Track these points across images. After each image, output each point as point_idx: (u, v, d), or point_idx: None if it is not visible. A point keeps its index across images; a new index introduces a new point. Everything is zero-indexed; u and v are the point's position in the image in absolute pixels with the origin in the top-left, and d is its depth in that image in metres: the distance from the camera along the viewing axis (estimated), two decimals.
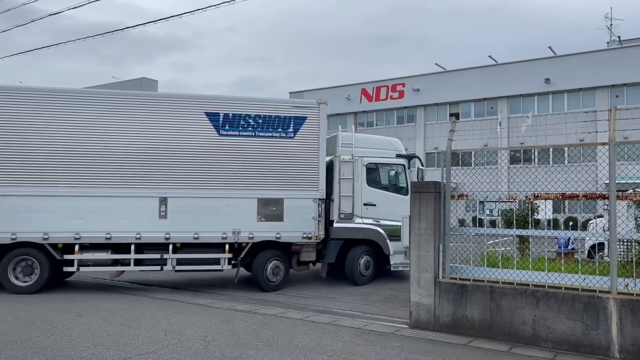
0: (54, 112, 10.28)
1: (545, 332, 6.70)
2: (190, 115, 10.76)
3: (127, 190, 10.39)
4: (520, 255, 8.92)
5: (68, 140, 10.23)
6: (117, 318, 7.85)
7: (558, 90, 36.96)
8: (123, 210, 10.31)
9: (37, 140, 10.12)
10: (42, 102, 10.26)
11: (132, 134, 10.50)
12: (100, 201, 10.24)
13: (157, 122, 10.65)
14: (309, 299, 9.92)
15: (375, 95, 44.23)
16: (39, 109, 10.22)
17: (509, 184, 37.06)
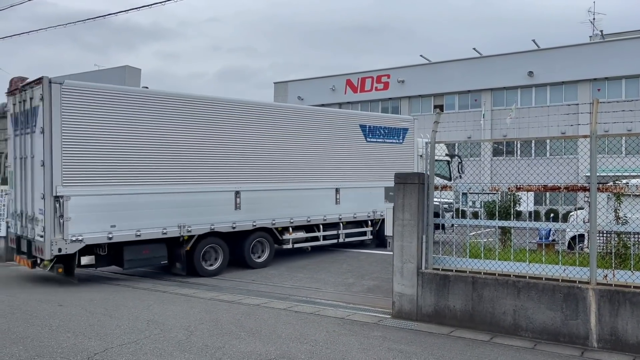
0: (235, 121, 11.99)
1: (525, 322, 6.79)
2: (350, 127, 14.36)
3: (318, 183, 13.51)
4: (502, 247, 9.03)
5: (261, 143, 12.34)
6: (98, 308, 7.78)
7: (541, 83, 37.30)
8: (316, 197, 13.42)
9: (227, 142, 11.77)
10: (202, 109, 11.45)
11: (312, 140, 13.41)
12: (301, 192, 13.09)
13: (330, 131, 13.85)
14: (293, 289, 9.93)
15: (360, 86, 44.22)
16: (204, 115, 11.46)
17: (492, 176, 37.45)
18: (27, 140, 10.05)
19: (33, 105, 9.75)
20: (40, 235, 9.51)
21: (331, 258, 13.14)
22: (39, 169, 9.49)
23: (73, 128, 9.50)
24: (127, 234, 10.16)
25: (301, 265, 12.39)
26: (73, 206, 9.45)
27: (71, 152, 9.47)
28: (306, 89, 46.77)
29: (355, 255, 13.58)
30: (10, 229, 11.16)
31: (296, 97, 47.23)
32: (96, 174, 9.78)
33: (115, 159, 10.00)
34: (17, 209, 10.62)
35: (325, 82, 45.67)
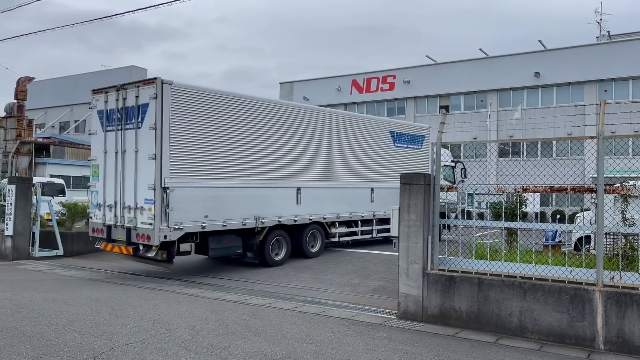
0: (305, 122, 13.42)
1: (531, 323, 6.77)
2: (382, 132, 15.82)
3: (359, 183, 14.82)
4: (508, 248, 9.00)
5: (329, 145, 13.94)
6: (104, 307, 7.81)
7: (547, 84, 37.14)
8: (356, 196, 14.68)
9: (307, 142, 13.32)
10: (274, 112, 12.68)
11: (355, 143, 14.76)
12: (345, 191, 14.40)
13: (368, 136, 15.21)
14: (298, 290, 9.94)
15: (366, 87, 44.18)
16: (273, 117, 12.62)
17: (498, 177, 37.33)
18: (127, 135, 10.82)
19: (139, 103, 10.56)
20: (145, 223, 10.33)
21: (337, 258, 13.13)
22: (146, 162, 10.33)
23: (178, 125, 10.45)
24: (216, 224, 11.15)
25: (306, 265, 12.39)
26: (176, 197, 10.34)
27: (176, 148, 10.42)
28: (312, 89, 46.77)
29: (360, 255, 13.56)
30: (95, 219, 11.55)
31: (302, 98, 47.23)
32: (195, 169, 10.77)
33: (210, 155, 11.04)
34: (109, 199, 11.17)
35: (331, 82, 45.67)
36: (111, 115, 11.21)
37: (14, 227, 13.47)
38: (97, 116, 11.63)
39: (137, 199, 10.53)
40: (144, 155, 10.40)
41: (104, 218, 11.28)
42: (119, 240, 11.00)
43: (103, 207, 11.32)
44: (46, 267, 12.37)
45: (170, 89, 10.37)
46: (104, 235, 11.32)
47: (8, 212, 13.56)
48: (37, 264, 12.89)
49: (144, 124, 10.41)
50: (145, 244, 10.41)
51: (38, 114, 53.39)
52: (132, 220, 10.62)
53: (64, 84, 55.66)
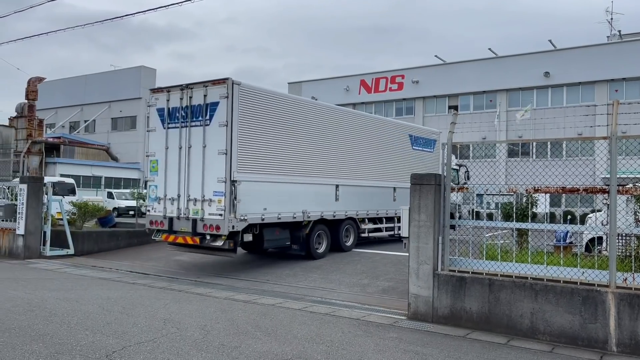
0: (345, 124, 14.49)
1: (543, 325, 6.73)
2: (403, 136, 16.94)
3: (384, 182, 15.79)
4: (519, 249, 8.95)
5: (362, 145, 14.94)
6: (115, 306, 7.85)
7: (557, 84, 36.92)
8: (382, 194, 15.69)
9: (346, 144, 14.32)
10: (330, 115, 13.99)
11: (382, 145, 15.77)
12: (374, 189, 15.36)
13: (392, 138, 16.30)
14: (308, 290, 9.94)
15: (374, 87, 44.13)
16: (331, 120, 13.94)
17: (507, 177, 37.14)
18: (192, 132, 11.40)
19: (207, 101, 11.18)
20: (214, 214, 10.91)
21: (346, 259, 13.11)
22: (215, 157, 10.95)
23: (244, 123, 11.16)
24: (272, 216, 11.88)
25: (316, 265, 12.39)
26: (242, 190, 11.01)
27: (243, 144, 11.12)
28: (320, 89, 46.76)
29: (369, 255, 13.54)
30: (154, 212, 11.95)
31: (310, 98, 47.25)
32: (257, 164, 11.53)
33: (269, 152, 11.87)
34: (171, 193, 11.67)
35: (339, 82, 45.64)
36: (173, 113, 11.77)
37: (25, 226, 13.57)
38: (157, 114, 12.12)
39: (205, 192, 11.08)
40: (212, 150, 11.00)
41: (165, 211, 11.71)
42: (182, 231, 11.44)
43: (163, 200, 11.78)
44: (57, 266, 12.46)
45: (239, 89, 11.10)
46: (165, 227, 11.69)
47: (20, 211, 13.67)
48: (48, 263, 12.98)
49: (213, 121, 11.06)
50: (214, 234, 10.94)
51: (48, 113, 53.80)
52: (198, 212, 11.13)
53: (74, 84, 56.03)
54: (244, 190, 11.03)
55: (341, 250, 14.04)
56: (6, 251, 14.16)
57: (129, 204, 36.52)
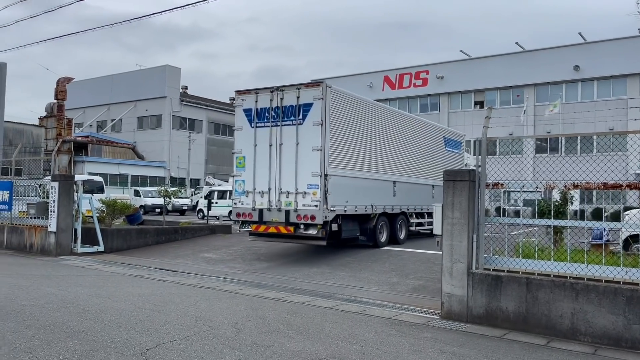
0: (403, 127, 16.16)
1: (584, 325, 6.50)
2: (439, 137, 18.58)
3: (426, 180, 17.11)
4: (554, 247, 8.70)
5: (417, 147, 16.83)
6: (147, 304, 7.87)
7: (587, 77, 36.04)
8: (423, 191, 17.03)
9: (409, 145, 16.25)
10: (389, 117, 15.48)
11: (426, 146, 17.37)
12: (419, 187, 16.78)
13: (433, 140, 17.98)
14: (337, 288, 9.84)
15: (398, 83, 43.75)
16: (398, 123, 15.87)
17: (534, 174, 36.45)
18: (283, 130, 12.47)
19: (300, 102, 12.28)
20: (308, 205, 12.02)
21: (373, 256, 12.97)
22: (309, 153, 12.07)
23: (333, 123, 12.34)
24: (351, 209, 13.05)
25: (343, 263, 12.28)
26: (331, 184, 12.13)
27: (332, 141, 12.29)
28: (343, 86, 46.26)
29: (397, 253, 13.37)
30: (241, 205, 12.95)
31: None
32: (343, 160, 12.77)
33: (352, 149, 13.18)
34: (260, 187, 12.68)
35: (363, 79, 45.36)
36: (262, 113, 12.78)
37: (57, 224, 13.76)
38: (244, 114, 13.07)
39: (298, 185, 12.17)
40: (306, 147, 12.11)
41: (254, 203, 12.71)
42: (274, 221, 12.47)
43: (252, 193, 12.76)
44: (88, 263, 12.61)
45: (330, 91, 12.23)
46: (254, 218, 12.71)
47: (52, 209, 13.87)
48: (79, 259, 13.14)
49: (307, 120, 12.15)
50: (308, 223, 12.02)
51: (77, 113, 54.74)
52: (291, 203, 12.22)
53: (101, 84, 56.89)
54: (332, 184, 12.15)
55: (396, 242, 15.21)
56: (38, 248, 14.39)
57: (155, 201, 36.92)
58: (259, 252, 14.15)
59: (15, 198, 15.74)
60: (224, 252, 14.44)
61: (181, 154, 51.68)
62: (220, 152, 57.66)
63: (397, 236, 15.43)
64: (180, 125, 53.69)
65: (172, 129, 52.62)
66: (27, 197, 16.38)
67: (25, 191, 16.52)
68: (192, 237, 17.11)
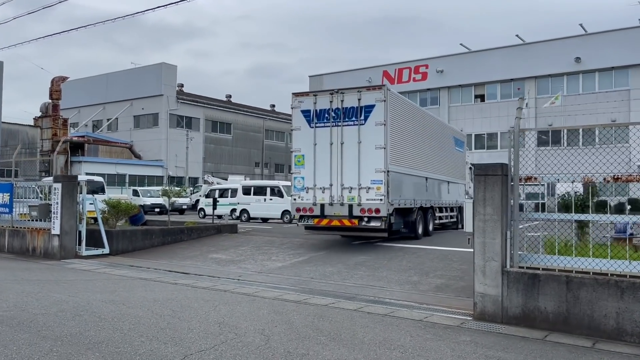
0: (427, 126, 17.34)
1: (631, 326, 6.17)
2: (451, 137, 20.34)
3: (445, 177, 18.72)
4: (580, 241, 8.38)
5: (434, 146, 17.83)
6: (165, 309, 7.49)
7: (589, 69, 35.79)
8: (444, 188, 18.56)
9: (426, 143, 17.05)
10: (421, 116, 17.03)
11: (445, 145, 19.25)
12: (440, 183, 18.37)
13: (448, 139, 19.88)
14: (357, 288, 9.49)
15: (398, 77, 43.38)
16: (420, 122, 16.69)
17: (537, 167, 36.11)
18: (344, 130, 13.41)
19: (361, 104, 13.24)
20: (372, 199, 13.04)
21: (388, 254, 12.64)
22: (372, 151, 13.04)
23: (393, 123, 13.50)
24: (402, 203, 14.30)
25: (359, 262, 11.94)
26: (391, 180, 13.25)
27: (392, 140, 13.45)
28: (341, 81, 46.00)
29: (413, 250, 13.04)
30: (302, 200, 13.86)
31: None
32: (398, 158, 14.03)
33: (405, 148, 14.56)
34: (321, 183, 13.62)
35: (361, 74, 44.94)
36: (322, 114, 13.66)
37: (60, 226, 13.34)
38: (302, 115, 13.91)
39: (361, 181, 13.14)
40: (368, 145, 13.07)
41: (315, 198, 13.64)
42: (336, 215, 13.38)
43: (313, 189, 13.67)
44: (95, 266, 12.21)
45: (390, 94, 13.41)
46: (316, 212, 13.62)
47: (54, 211, 13.44)
48: (85, 263, 12.74)
49: (369, 121, 13.10)
50: (373, 216, 13.02)
51: (71, 113, 54.08)
52: (354, 198, 13.19)
53: (95, 83, 56.21)
54: (392, 180, 13.27)
55: (427, 234, 16.43)
56: (41, 251, 13.97)
57: (155, 201, 36.44)
58: (270, 252, 13.79)
59: (15, 200, 15.28)
60: (233, 252, 14.07)
61: (179, 152, 51.16)
62: (218, 150, 57.18)
63: (427, 229, 16.59)
64: (177, 124, 53.15)
65: (169, 127, 52.06)
66: (27, 199, 15.92)
67: (25, 193, 16.07)
68: (198, 238, 16.72)
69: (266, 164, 63.14)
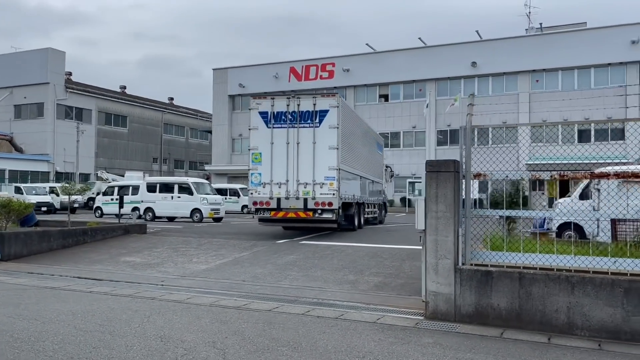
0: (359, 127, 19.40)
1: (581, 319, 6.32)
2: (374, 141, 22.24)
3: (369, 176, 20.15)
4: (509, 236, 8.62)
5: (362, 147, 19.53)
6: (89, 324, 6.53)
7: (484, 73, 38.11)
8: (367, 187, 19.85)
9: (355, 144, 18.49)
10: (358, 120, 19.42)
11: (371, 148, 21.33)
12: (366, 182, 19.75)
13: (372, 145, 21.79)
14: (295, 290, 9.03)
15: (305, 74, 43.36)
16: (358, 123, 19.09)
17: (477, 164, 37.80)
18: (300, 131, 15.00)
19: (317, 109, 14.88)
20: (325, 194, 14.83)
21: (317, 253, 12.31)
22: (325, 151, 14.79)
23: (343, 127, 15.25)
24: (347, 197, 15.96)
25: (288, 262, 11.48)
26: (341, 177, 15.11)
27: (343, 142, 15.25)
28: (248, 76, 45.29)
29: (340, 249, 12.82)
30: (258, 194, 15.29)
31: (237, 85, 45.66)
32: (346, 158, 15.63)
33: (349, 149, 16.32)
34: (277, 178, 15.13)
35: (268, 69, 44.42)
36: (279, 116, 15.08)
37: None
38: (260, 116, 15.29)
39: (316, 177, 14.86)
40: (322, 146, 14.78)
41: (272, 193, 15.11)
42: (292, 208, 14.98)
43: (270, 184, 15.13)
44: None
45: (342, 101, 15.28)
46: (272, 205, 15.07)
47: None
48: None
49: (323, 124, 14.78)
50: (326, 208, 14.82)
51: None
52: (309, 192, 14.85)
53: None
54: (342, 177, 15.06)
55: (360, 227, 18.17)
56: None
57: (41, 199, 33.28)
58: (189, 254, 12.89)
59: None
60: (147, 255, 12.97)
61: (68, 146, 47.22)
62: (112, 144, 53.66)
63: (360, 222, 18.32)
64: (67, 115, 49.05)
65: (56, 118, 47.88)
66: None
67: None
68: (103, 239, 15.28)
69: (165, 159, 60.35)
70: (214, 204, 24.36)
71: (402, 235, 16.65)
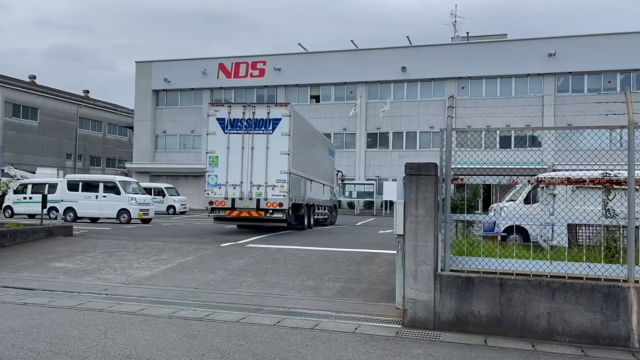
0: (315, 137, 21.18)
1: (561, 325, 6.35)
2: (326, 148, 23.34)
3: (321, 180, 21.32)
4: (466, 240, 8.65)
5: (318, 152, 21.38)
6: (37, 343, 5.67)
7: (413, 78, 39.03)
8: (319, 189, 21.09)
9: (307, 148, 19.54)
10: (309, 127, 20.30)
11: (323, 154, 22.68)
12: (318, 185, 20.95)
13: (324, 150, 22.88)
14: (256, 298, 8.50)
15: (234, 72, 42.35)
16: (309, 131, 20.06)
17: (366, 168, 38.31)
18: (255, 137, 16.26)
19: (270, 117, 16.24)
20: (276, 195, 16.04)
21: (268, 257, 11.79)
22: (277, 156, 16.02)
23: (294, 134, 16.46)
24: (296, 199, 16.92)
25: (239, 267, 10.88)
26: (292, 180, 16.23)
27: (294, 148, 16.40)
28: (173, 70, 43.55)
29: (292, 252, 12.36)
30: (214, 195, 16.38)
31: (162, 79, 43.79)
32: (296, 162, 16.88)
33: (300, 154, 17.32)
34: (232, 180, 16.29)
35: (195, 64, 42.94)
36: (235, 123, 16.33)
37: None
38: (217, 122, 16.42)
39: (268, 180, 16.08)
40: (275, 151, 16.01)
41: (227, 193, 16.29)
42: (245, 207, 16.18)
43: (225, 186, 16.30)
44: None
45: (294, 111, 16.57)
46: (227, 205, 16.26)
47: None
48: None
49: (276, 131, 16.09)
50: (277, 209, 16.02)
51: None
52: (261, 193, 16.07)
53: None
54: (292, 180, 16.22)
55: (309, 227, 19.27)
56: None
57: None
58: (127, 259, 11.91)
59: None
60: (80, 260, 11.83)
61: None
62: (20, 138, 49.64)
63: (310, 222, 19.40)
64: None
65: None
66: None
67: None
68: (24, 242, 13.82)
69: (80, 155, 56.74)
70: (142, 204, 23.00)
71: (349, 238, 16.47)
